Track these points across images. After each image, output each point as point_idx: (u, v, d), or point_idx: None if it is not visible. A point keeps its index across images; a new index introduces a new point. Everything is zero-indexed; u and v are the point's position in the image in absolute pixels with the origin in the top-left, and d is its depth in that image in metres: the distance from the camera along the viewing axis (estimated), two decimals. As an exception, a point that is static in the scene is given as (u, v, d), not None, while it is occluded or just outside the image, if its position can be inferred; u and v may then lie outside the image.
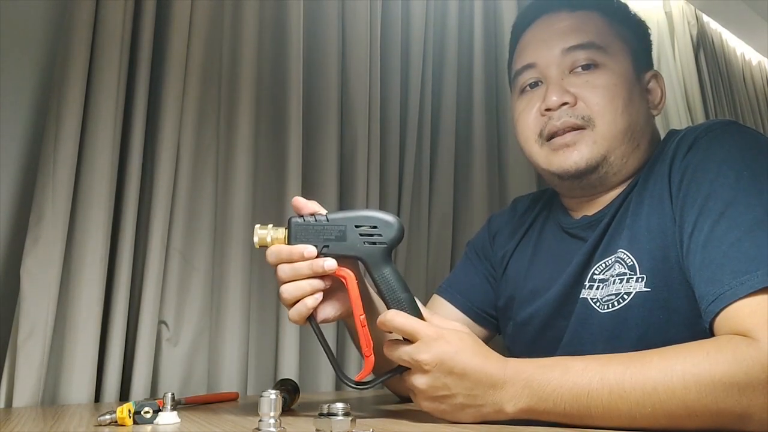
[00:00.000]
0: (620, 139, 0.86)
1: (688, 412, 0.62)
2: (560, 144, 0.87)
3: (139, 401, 0.72)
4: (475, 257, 1.10)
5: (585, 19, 0.90)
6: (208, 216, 1.24)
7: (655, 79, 0.94)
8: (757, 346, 0.63)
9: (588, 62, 0.88)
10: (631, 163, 0.89)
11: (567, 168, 0.87)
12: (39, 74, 1.13)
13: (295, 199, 0.78)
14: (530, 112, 0.91)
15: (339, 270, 0.75)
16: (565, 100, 0.87)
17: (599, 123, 0.86)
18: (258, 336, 1.29)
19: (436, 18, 1.74)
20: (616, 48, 0.89)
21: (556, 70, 0.89)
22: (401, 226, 0.76)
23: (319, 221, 0.76)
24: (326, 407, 0.59)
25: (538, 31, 0.93)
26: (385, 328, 0.74)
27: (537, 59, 0.91)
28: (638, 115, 0.88)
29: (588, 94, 0.86)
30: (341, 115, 1.47)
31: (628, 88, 0.88)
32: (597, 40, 0.88)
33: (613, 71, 0.88)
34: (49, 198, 1.02)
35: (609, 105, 0.86)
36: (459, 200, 1.72)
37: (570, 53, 0.88)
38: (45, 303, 0.99)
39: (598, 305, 0.83)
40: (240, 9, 1.32)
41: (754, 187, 0.73)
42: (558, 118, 0.87)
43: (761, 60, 3.62)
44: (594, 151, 0.86)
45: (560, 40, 0.89)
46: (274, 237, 0.77)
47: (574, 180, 0.89)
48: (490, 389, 0.68)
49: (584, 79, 0.87)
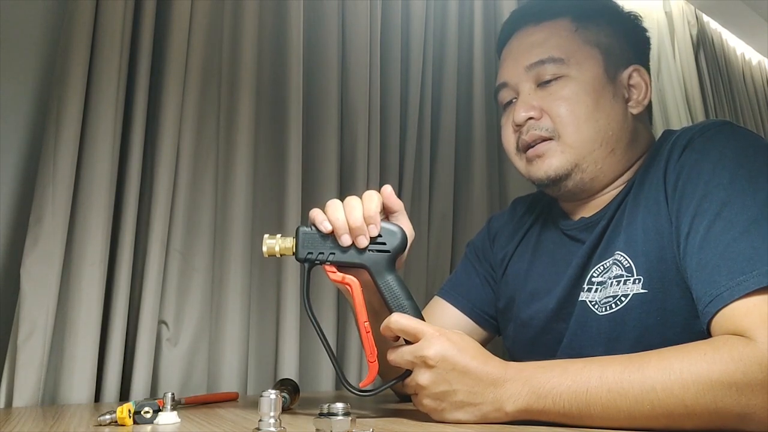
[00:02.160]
0: (588, 146, 0.88)
1: (687, 412, 0.63)
2: (532, 155, 0.91)
3: (139, 401, 0.72)
4: (475, 259, 1.10)
5: (549, 31, 0.92)
6: (208, 216, 1.24)
7: (638, 73, 0.93)
8: (755, 345, 0.63)
9: (551, 76, 0.90)
10: (609, 167, 0.89)
11: (539, 177, 0.90)
12: (39, 74, 1.13)
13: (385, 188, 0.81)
14: (508, 127, 0.95)
15: (344, 278, 0.77)
16: (530, 115, 0.90)
17: (563, 133, 0.88)
18: (258, 336, 1.30)
19: (436, 18, 1.74)
20: (581, 55, 0.90)
21: (525, 86, 0.92)
22: (404, 234, 0.79)
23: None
24: (326, 407, 0.59)
25: (511, 48, 0.96)
26: (388, 332, 0.74)
27: (508, 78, 0.95)
28: (609, 119, 0.88)
29: (551, 105, 0.89)
30: (341, 115, 1.47)
31: (593, 95, 0.88)
32: (557, 53, 0.90)
33: (576, 80, 0.89)
34: (49, 198, 1.02)
35: (571, 115, 0.88)
36: (459, 200, 1.73)
37: (533, 69, 0.91)
38: (45, 303, 0.99)
39: (597, 308, 0.83)
40: (240, 9, 1.32)
41: (749, 187, 0.73)
42: (526, 132, 0.90)
43: (761, 60, 3.63)
44: (562, 160, 0.88)
45: (525, 57, 0.92)
46: (282, 246, 0.79)
47: (553, 186, 0.91)
48: (490, 387, 0.69)
49: (549, 91, 0.90)
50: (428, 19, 1.71)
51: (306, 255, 0.78)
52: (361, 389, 0.76)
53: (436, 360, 0.69)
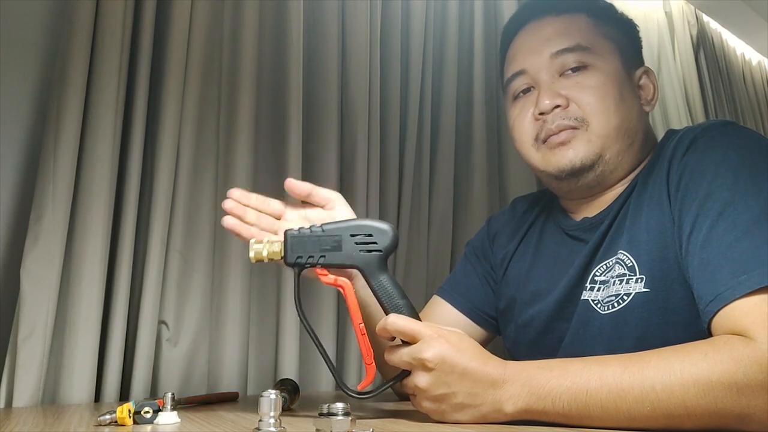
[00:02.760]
0: (614, 137, 0.87)
1: (687, 412, 0.62)
2: (556, 142, 0.88)
3: (139, 401, 0.72)
4: (474, 258, 1.10)
5: (570, 22, 0.92)
6: (208, 216, 1.24)
7: (647, 75, 0.94)
8: (755, 345, 0.63)
9: (577, 64, 0.89)
10: (627, 161, 0.89)
11: (563, 166, 0.88)
12: (39, 74, 1.13)
13: (288, 180, 0.78)
14: (525, 118, 0.92)
15: (336, 280, 0.76)
16: (557, 103, 0.88)
17: (592, 122, 0.87)
18: (258, 336, 1.29)
19: (436, 18, 1.74)
20: (603, 48, 0.90)
21: (547, 75, 0.90)
22: (396, 233, 0.77)
23: (314, 232, 0.77)
24: (326, 407, 0.59)
25: (526, 37, 0.94)
26: (385, 333, 0.74)
27: (527, 66, 0.92)
28: (630, 112, 0.89)
29: (579, 95, 0.88)
30: (341, 115, 1.47)
31: (618, 87, 0.88)
32: (583, 42, 0.89)
33: (602, 71, 0.89)
34: (49, 198, 1.02)
35: (600, 104, 0.87)
36: (459, 200, 1.72)
37: (558, 57, 0.89)
38: (45, 303, 0.99)
39: (599, 306, 0.83)
40: (240, 9, 1.32)
41: (752, 187, 0.73)
42: (552, 121, 0.88)
43: (761, 60, 3.63)
44: (589, 149, 0.87)
45: (548, 45, 0.91)
46: (270, 251, 0.77)
47: (572, 179, 0.89)
48: (489, 388, 0.68)
49: (574, 80, 0.89)
50: (428, 20, 1.71)
51: (295, 259, 0.76)
52: (359, 392, 0.76)
53: (434, 362, 0.69)
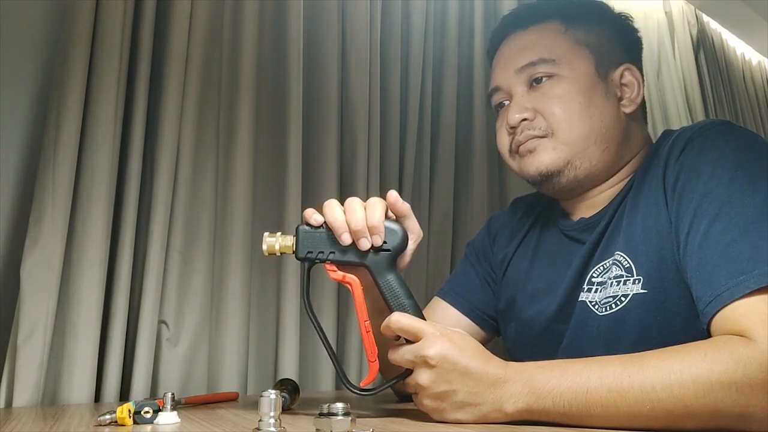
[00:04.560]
0: (582, 144, 0.88)
1: (687, 412, 0.63)
2: (524, 151, 0.91)
3: (139, 401, 0.72)
4: (474, 259, 1.10)
5: (538, 34, 0.93)
6: (208, 216, 1.24)
7: (630, 72, 0.94)
8: (755, 346, 0.63)
9: (542, 75, 0.91)
10: (604, 164, 0.90)
11: (531, 173, 0.91)
12: (39, 74, 1.13)
13: (390, 193, 0.80)
14: (502, 130, 0.96)
15: (344, 277, 0.77)
16: (524, 116, 0.90)
17: (557, 131, 0.89)
18: (258, 336, 1.30)
19: (436, 18, 1.74)
20: (571, 55, 0.91)
21: (517, 89, 0.93)
22: (405, 233, 0.78)
23: (326, 229, 0.78)
24: (326, 407, 0.59)
25: (501, 53, 0.98)
26: (389, 332, 0.74)
27: (499, 81, 0.96)
28: (602, 116, 0.89)
29: (545, 105, 0.90)
30: (341, 115, 1.47)
31: (586, 93, 0.89)
32: (547, 54, 0.91)
33: (567, 79, 0.90)
34: (49, 198, 1.02)
35: (564, 113, 0.88)
36: (459, 200, 1.73)
37: (524, 71, 0.92)
38: (45, 303, 0.99)
39: (597, 308, 0.83)
40: (240, 9, 1.32)
41: (748, 187, 0.73)
42: (520, 132, 0.91)
43: (761, 60, 3.63)
44: (554, 156, 0.89)
45: (514, 60, 0.93)
46: (282, 244, 0.78)
47: (547, 183, 0.91)
48: (490, 388, 0.69)
49: (541, 92, 0.91)
50: (428, 19, 1.71)
51: (306, 254, 0.77)
52: (361, 388, 0.76)
53: (436, 360, 0.69)
